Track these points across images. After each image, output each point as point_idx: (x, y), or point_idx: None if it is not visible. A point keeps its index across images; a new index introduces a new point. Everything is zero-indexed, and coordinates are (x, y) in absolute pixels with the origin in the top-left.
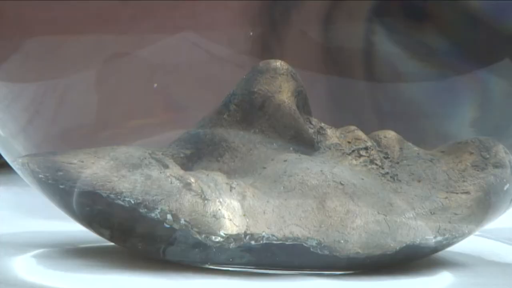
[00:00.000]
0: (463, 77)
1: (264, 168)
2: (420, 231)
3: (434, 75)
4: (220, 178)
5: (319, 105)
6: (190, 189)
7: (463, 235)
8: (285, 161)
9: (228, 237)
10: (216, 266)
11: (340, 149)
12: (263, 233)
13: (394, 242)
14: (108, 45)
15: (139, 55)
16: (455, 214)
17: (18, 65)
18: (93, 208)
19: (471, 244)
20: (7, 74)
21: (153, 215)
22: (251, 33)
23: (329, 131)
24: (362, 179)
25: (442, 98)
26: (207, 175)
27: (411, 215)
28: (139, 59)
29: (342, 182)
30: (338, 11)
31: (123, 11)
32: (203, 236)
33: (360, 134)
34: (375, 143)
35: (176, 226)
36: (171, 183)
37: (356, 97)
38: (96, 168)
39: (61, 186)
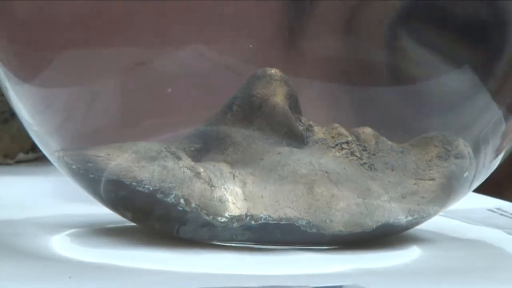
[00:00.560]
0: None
1: (262, 159)
2: (393, 212)
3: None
4: (225, 168)
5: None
6: (199, 178)
7: (429, 215)
8: (279, 153)
9: (232, 218)
10: (221, 243)
11: (326, 143)
12: (261, 215)
13: (371, 222)
14: (127, 56)
15: (155, 64)
16: (423, 197)
17: (53, 73)
18: (118, 194)
19: (436, 223)
20: (44, 81)
21: (168, 199)
22: (250, 46)
23: (316, 128)
24: (344, 168)
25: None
26: (214, 165)
27: (386, 199)
28: (155, 67)
29: (327, 171)
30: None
31: (140, 25)
32: (210, 217)
33: (342, 130)
34: (355, 138)
35: (188, 209)
36: (184, 172)
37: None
38: (120, 160)
39: (91, 176)
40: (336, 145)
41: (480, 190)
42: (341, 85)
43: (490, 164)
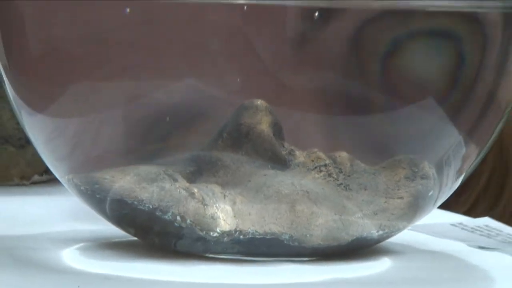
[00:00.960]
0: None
1: (249, 181)
2: (366, 227)
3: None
4: (216, 188)
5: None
6: (194, 197)
7: (398, 230)
8: (264, 175)
9: (223, 233)
10: (214, 255)
11: (306, 166)
12: (249, 230)
13: (347, 236)
14: (129, 89)
15: (153, 97)
16: (392, 214)
17: (63, 104)
18: (121, 212)
19: (405, 236)
20: (55, 111)
21: (166, 217)
22: (238, 79)
23: (298, 153)
24: (323, 188)
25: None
26: (206, 186)
27: (360, 215)
28: (154, 98)
29: (307, 191)
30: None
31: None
32: (204, 232)
33: (321, 154)
34: (332, 161)
35: (183, 225)
36: (180, 192)
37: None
38: (123, 182)
39: (97, 196)
40: (315, 167)
41: None
42: (320, 114)
43: (452, 184)
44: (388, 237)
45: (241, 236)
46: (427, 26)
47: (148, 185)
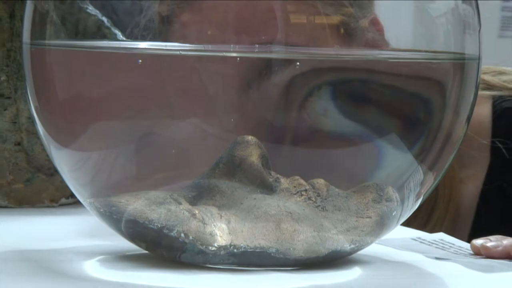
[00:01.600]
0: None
1: (242, 203)
2: (340, 242)
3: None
4: (214, 210)
5: None
6: (195, 217)
7: (367, 244)
8: (254, 199)
9: (220, 247)
10: (212, 265)
11: (289, 191)
12: (242, 244)
13: (324, 249)
14: (140, 127)
15: (161, 134)
16: (362, 230)
17: (84, 140)
18: (134, 229)
19: (372, 249)
20: (78, 146)
21: (172, 234)
22: (232, 120)
23: (282, 180)
24: (303, 209)
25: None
26: (206, 208)
27: (334, 232)
28: (162, 135)
29: (290, 212)
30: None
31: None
32: (204, 247)
33: (302, 181)
34: (311, 187)
35: (186, 241)
36: (183, 214)
37: None
38: (136, 205)
39: (114, 216)
40: (297, 192)
41: None
42: (303, 148)
43: (412, 206)
44: (358, 250)
45: (235, 250)
46: (396, 81)
47: (157, 207)
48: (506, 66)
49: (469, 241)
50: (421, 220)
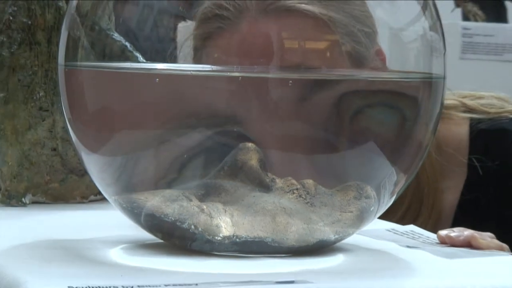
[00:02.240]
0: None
1: (243, 200)
2: (326, 232)
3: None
4: (220, 206)
5: None
6: (203, 212)
7: (349, 234)
8: (254, 196)
9: (224, 237)
10: (218, 253)
11: (283, 190)
12: (243, 235)
13: (312, 239)
14: (158, 136)
15: (175, 142)
16: (345, 223)
17: (110, 147)
18: (152, 222)
19: (353, 239)
20: (105, 152)
21: (184, 226)
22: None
23: (277, 180)
24: (295, 205)
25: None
26: (212, 204)
27: (321, 224)
28: (175, 143)
29: (284, 207)
30: None
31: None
32: (211, 237)
33: (294, 181)
34: (301, 186)
35: (196, 232)
36: (193, 209)
37: None
38: (154, 201)
39: (135, 211)
40: (290, 191)
41: None
42: (296, 153)
43: (387, 202)
44: (342, 239)
45: (237, 239)
46: (375, 97)
47: (171, 203)
48: (467, 84)
49: None
50: (407, 223)
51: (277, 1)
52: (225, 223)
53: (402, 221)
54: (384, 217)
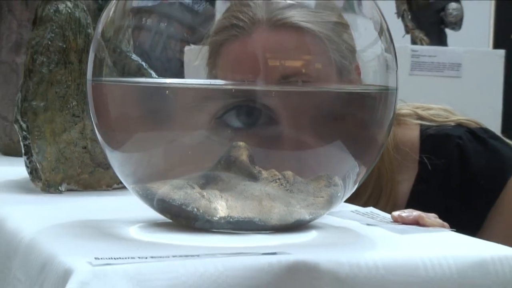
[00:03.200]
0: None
1: (236, 188)
2: (302, 214)
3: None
4: (217, 192)
5: None
6: (203, 197)
7: (321, 215)
8: (244, 185)
9: (220, 218)
10: (215, 230)
11: (268, 179)
12: (236, 216)
13: (291, 219)
14: (167, 136)
15: (181, 141)
16: (317, 206)
17: (129, 145)
18: (163, 206)
19: (324, 219)
20: (124, 149)
21: (188, 209)
22: (229, 131)
23: (263, 172)
24: (277, 192)
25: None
26: (211, 191)
27: (298, 207)
28: (183, 142)
29: (268, 194)
30: None
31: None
32: (210, 217)
33: (276, 173)
34: (282, 176)
35: (198, 213)
36: (196, 195)
37: None
38: (164, 189)
39: (149, 197)
40: (273, 180)
41: None
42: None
43: (351, 189)
44: (315, 219)
45: (231, 219)
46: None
47: (178, 190)
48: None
49: None
50: (370, 204)
51: (284, 18)
52: (221, 206)
53: (365, 205)
54: (350, 202)
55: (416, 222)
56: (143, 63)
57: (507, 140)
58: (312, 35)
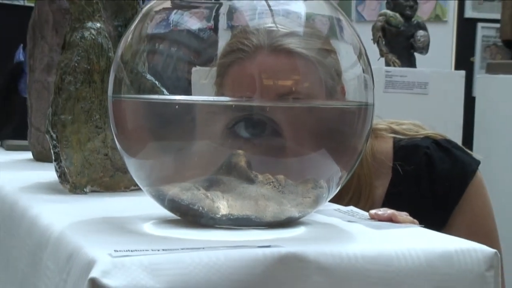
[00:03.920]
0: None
1: (235, 190)
2: (293, 211)
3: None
4: (219, 193)
5: None
6: (208, 198)
7: (309, 213)
8: (243, 187)
9: (222, 215)
10: (218, 226)
11: (263, 182)
12: (235, 213)
13: (283, 216)
14: (177, 146)
15: (188, 149)
16: (305, 205)
17: (144, 153)
18: (173, 205)
19: (311, 216)
20: (140, 157)
21: (195, 207)
22: (229, 141)
23: (259, 176)
24: (271, 193)
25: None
26: (214, 192)
27: (289, 206)
28: (188, 151)
29: (264, 195)
30: None
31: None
32: (213, 215)
33: (270, 176)
34: (276, 180)
35: (203, 211)
36: (201, 196)
37: None
38: (174, 190)
39: (160, 197)
40: (267, 183)
41: None
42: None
43: (335, 190)
44: (303, 216)
45: (231, 217)
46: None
47: (186, 192)
48: (388, 108)
49: None
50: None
51: (283, 44)
52: (223, 206)
53: (347, 205)
54: (334, 202)
55: (390, 219)
56: (156, 82)
57: (467, 150)
58: (305, 60)
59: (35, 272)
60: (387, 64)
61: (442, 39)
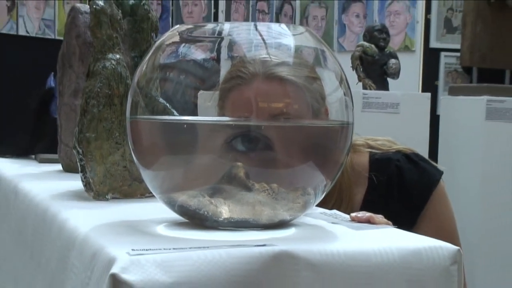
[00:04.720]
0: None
1: (235, 196)
2: (285, 215)
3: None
4: (222, 200)
5: None
6: (212, 204)
7: (298, 216)
8: (242, 194)
9: (224, 219)
10: (221, 227)
11: (259, 190)
12: (236, 217)
13: (276, 219)
14: (188, 158)
15: (195, 162)
16: (295, 210)
17: (158, 165)
18: (182, 210)
19: (300, 219)
20: (154, 168)
21: (201, 212)
22: (230, 155)
23: (256, 184)
24: (266, 199)
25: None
26: (217, 199)
27: (282, 210)
28: (196, 164)
29: (260, 201)
30: None
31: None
32: (216, 218)
33: (265, 185)
34: (270, 188)
35: (208, 215)
36: (206, 202)
37: None
38: (183, 198)
39: (171, 203)
40: (263, 191)
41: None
42: (266, 169)
43: (320, 197)
44: (294, 219)
45: (232, 220)
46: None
47: (193, 198)
48: (365, 126)
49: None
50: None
51: (275, 72)
52: (225, 210)
53: (331, 209)
54: (320, 206)
55: (368, 221)
56: (168, 105)
57: (432, 162)
58: (295, 85)
59: (63, 270)
60: (364, 87)
61: (410, 66)
